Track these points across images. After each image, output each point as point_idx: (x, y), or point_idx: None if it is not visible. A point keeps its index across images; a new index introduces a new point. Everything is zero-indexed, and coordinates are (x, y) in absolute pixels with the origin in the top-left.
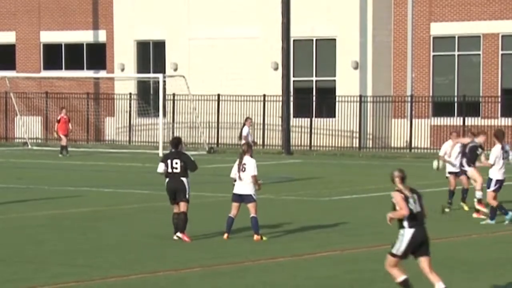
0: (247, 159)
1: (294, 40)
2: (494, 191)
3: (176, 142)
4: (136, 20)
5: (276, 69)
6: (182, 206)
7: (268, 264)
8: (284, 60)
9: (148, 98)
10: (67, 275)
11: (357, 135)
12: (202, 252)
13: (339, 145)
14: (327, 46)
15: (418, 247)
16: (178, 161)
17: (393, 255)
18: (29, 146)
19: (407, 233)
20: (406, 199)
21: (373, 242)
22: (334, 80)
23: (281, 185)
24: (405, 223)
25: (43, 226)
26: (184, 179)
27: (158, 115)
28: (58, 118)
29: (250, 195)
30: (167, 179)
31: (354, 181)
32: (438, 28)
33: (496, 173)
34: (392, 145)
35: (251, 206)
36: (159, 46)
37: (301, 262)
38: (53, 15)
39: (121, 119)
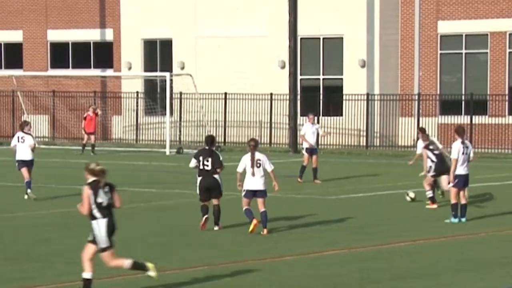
0: (259, 154)
1: (301, 39)
2: (455, 186)
3: (211, 139)
4: (143, 18)
5: (283, 67)
6: (216, 201)
7: (276, 262)
8: (291, 58)
9: (155, 97)
10: (74, 274)
11: (364, 133)
12: (209, 251)
13: (346, 143)
14: (334, 44)
15: None
16: (209, 158)
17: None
18: (36, 145)
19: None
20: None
21: (381, 241)
22: (341, 79)
23: (288, 184)
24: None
25: (50, 225)
26: (216, 176)
27: (165, 114)
28: (85, 115)
29: (264, 190)
30: (200, 177)
31: (361, 179)
32: (446, 27)
33: (458, 168)
34: (399, 144)
35: (262, 201)
36: (166, 44)
37: (309, 261)
38: (60, 13)
39: (128, 117)
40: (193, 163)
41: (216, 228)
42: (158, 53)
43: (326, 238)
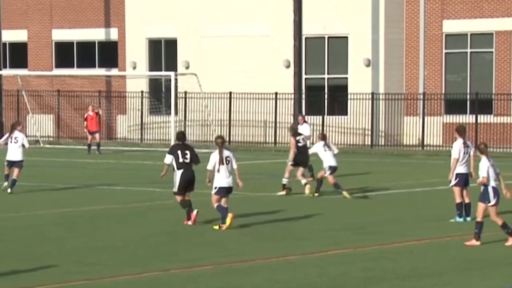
0: (226, 152)
1: (306, 38)
2: (456, 185)
3: (183, 135)
4: (147, 18)
5: (288, 67)
6: (188, 196)
7: (280, 262)
8: (296, 58)
9: (160, 96)
10: (78, 273)
11: (369, 132)
12: (213, 250)
13: (351, 142)
14: (339, 43)
15: None
16: (187, 151)
17: None
18: (41, 144)
19: None
20: None
21: (385, 240)
22: (346, 78)
23: (292, 183)
24: None
25: (54, 224)
26: (193, 169)
27: (170, 113)
28: (85, 115)
29: (232, 187)
30: (180, 171)
31: (366, 179)
32: (450, 26)
33: (458, 168)
34: (404, 143)
35: (227, 199)
36: (171, 44)
37: (313, 260)
38: (65, 13)
39: (133, 117)
40: (169, 159)
41: (189, 222)
42: (163, 53)
43: (331, 237)
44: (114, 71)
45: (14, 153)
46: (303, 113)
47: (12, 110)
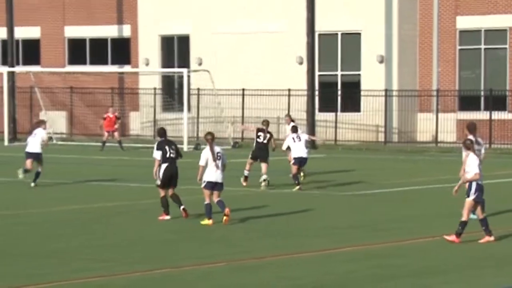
0: (217, 147)
1: (319, 34)
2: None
3: (164, 131)
4: (160, 14)
5: (301, 63)
6: (172, 190)
7: (290, 259)
8: (309, 54)
9: (172, 93)
10: (90, 270)
11: (383, 129)
12: (224, 247)
13: (365, 139)
14: (352, 40)
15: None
16: (173, 146)
17: None
18: (54, 141)
19: None
20: None
21: (396, 237)
22: (359, 74)
23: (305, 180)
24: None
25: (66, 221)
26: (177, 165)
27: (183, 110)
28: (104, 116)
29: (222, 183)
30: (165, 164)
31: (379, 175)
32: (464, 22)
33: None
34: (418, 139)
35: (219, 193)
36: (184, 40)
37: (322, 258)
38: (78, 10)
39: (146, 113)
40: (158, 154)
41: (168, 217)
42: (176, 49)
43: (342, 234)
44: (127, 68)
45: (32, 145)
46: (316, 109)
47: (25, 107)
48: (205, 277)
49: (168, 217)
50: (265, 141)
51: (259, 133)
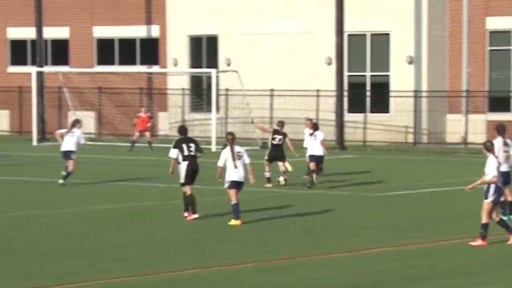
0: (238, 147)
1: (348, 35)
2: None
3: (185, 129)
4: (189, 15)
5: (329, 64)
6: (191, 189)
7: (322, 259)
8: (338, 55)
9: (201, 93)
10: (119, 270)
11: (412, 130)
12: (253, 247)
13: (394, 140)
14: (381, 40)
15: None
16: (193, 144)
17: None
18: (83, 141)
19: None
20: None
21: (429, 238)
22: (388, 75)
23: (335, 181)
24: None
25: (95, 221)
26: (198, 161)
27: (211, 110)
28: (137, 114)
29: (243, 183)
30: (186, 162)
31: (408, 176)
32: (494, 22)
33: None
34: (447, 141)
35: (239, 192)
36: (212, 41)
37: (355, 258)
38: (106, 10)
39: (174, 114)
40: (174, 153)
41: (195, 216)
42: (204, 50)
43: (373, 235)
44: (155, 68)
45: (68, 144)
46: (345, 110)
47: (53, 107)
48: (233, 277)
49: (196, 216)
50: (280, 143)
51: (275, 135)
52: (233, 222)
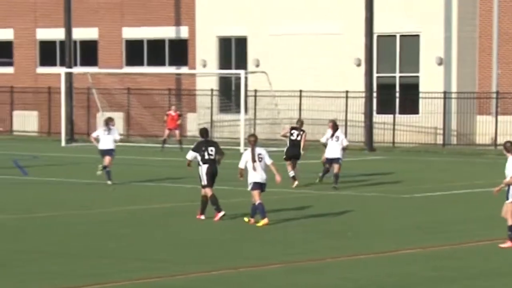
0: (259, 149)
1: (377, 36)
2: None
3: (206, 131)
4: (218, 16)
5: (359, 65)
6: (211, 190)
7: (349, 261)
8: (367, 56)
9: (229, 94)
10: (147, 270)
11: (441, 131)
12: (280, 248)
13: (423, 141)
14: (411, 42)
15: None
16: (213, 148)
17: None
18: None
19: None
20: None
21: (457, 240)
22: (418, 76)
23: (363, 182)
24: None
25: (123, 221)
26: (217, 165)
27: (240, 111)
28: (167, 112)
29: (265, 184)
30: (206, 165)
31: (437, 178)
32: None
33: None
34: (477, 142)
35: (261, 194)
36: (241, 42)
37: (382, 259)
38: (135, 11)
39: (203, 115)
40: (191, 155)
41: (221, 214)
42: (233, 51)
43: (401, 236)
44: (184, 69)
45: (106, 142)
46: (374, 111)
47: (82, 108)
48: (261, 278)
49: (222, 213)
50: (298, 138)
51: (293, 131)
52: (261, 222)
